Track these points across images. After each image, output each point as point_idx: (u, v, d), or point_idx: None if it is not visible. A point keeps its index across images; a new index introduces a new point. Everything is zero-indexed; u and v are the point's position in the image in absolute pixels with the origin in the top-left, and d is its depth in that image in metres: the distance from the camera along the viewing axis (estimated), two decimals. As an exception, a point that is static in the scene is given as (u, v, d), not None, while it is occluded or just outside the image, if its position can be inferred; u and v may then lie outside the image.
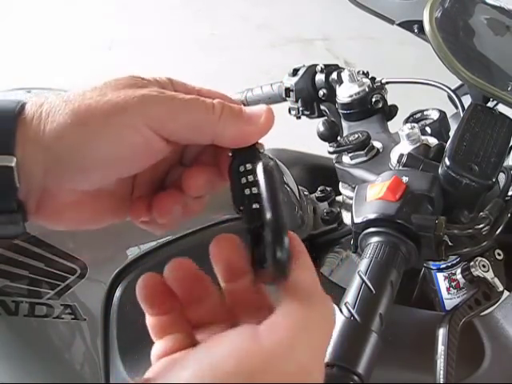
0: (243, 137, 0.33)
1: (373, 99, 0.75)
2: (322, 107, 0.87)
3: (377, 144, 0.71)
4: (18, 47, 2.91)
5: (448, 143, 0.60)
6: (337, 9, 2.92)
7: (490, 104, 0.73)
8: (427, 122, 0.73)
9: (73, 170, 0.31)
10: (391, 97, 0.79)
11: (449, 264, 0.67)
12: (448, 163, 0.57)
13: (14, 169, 0.29)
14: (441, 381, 0.55)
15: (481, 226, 0.55)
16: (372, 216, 0.56)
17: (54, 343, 0.67)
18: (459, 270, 0.66)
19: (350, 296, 0.50)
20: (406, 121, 0.75)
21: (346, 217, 0.78)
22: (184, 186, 0.35)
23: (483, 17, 0.80)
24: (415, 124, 0.66)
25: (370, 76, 0.81)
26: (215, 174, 0.35)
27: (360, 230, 0.58)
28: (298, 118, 0.92)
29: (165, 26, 3.15)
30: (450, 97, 0.76)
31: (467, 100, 0.72)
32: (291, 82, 0.88)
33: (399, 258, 0.53)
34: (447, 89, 0.75)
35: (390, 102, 0.78)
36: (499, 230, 0.58)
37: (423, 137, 0.66)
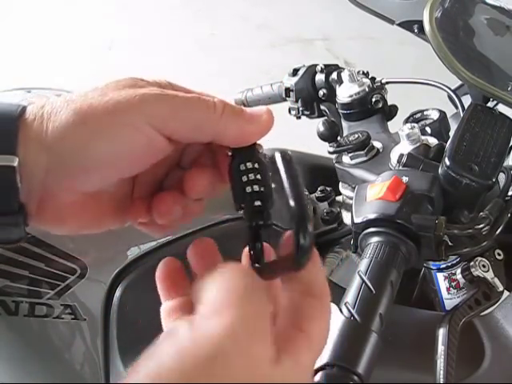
0: (244, 136, 0.33)
1: (373, 99, 0.75)
2: (322, 107, 0.87)
3: (377, 144, 0.71)
4: (18, 47, 2.90)
5: (448, 143, 0.60)
6: (337, 9, 2.92)
7: (490, 104, 0.73)
8: (427, 122, 0.73)
9: (75, 170, 0.31)
10: (391, 97, 0.79)
11: (449, 264, 0.67)
12: (448, 163, 0.57)
13: (16, 169, 0.29)
14: (441, 381, 0.55)
15: (481, 226, 0.55)
16: (372, 216, 0.56)
17: (54, 343, 0.67)
18: (459, 270, 0.66)
19: (350, 296, 0.50)
20: (406, 121, 0.75)
21: (346, 217, 0.78)
22: (185, 188, 0.35)
23: (483, 17, 0.80)
24: (415, 124, 0.66)
25: (370, 76, 0.81)
26: (216, 176, 0.35)
27: (360, 230, 0.58)
28: (298, 118, 0.92)
29: (165, 26, 3.15)
30: (450, 97, 0.76)
31: (467, 100, 0.72)
32: (291, 82, 0.88)
33: (399, 258, 0.53)
34: (447, 89, 0.75)
35: (390, 102, 0.78)
36: (499, 230, 0.58)
37: (423, 137, 0.66)
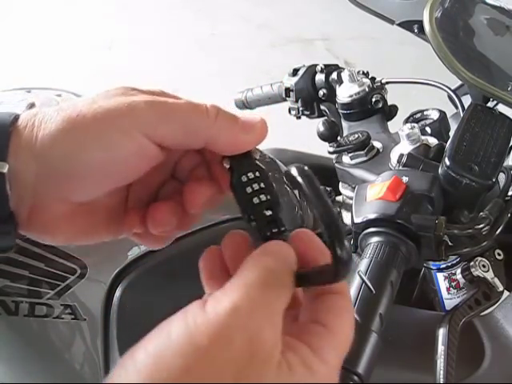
0: (238, 144, 0.32)
1: (373, 99, 0.75)
2: (322, 107, 0.87)
3: (377, 144, 0.71)
4: (18, 47, 2.91)
5: (448, 143, 0.60)
6: (337, 9, 2.93)
7: (490, 104, 0.73)
8: (427, 122, 0.73)
9: (65, 178, 0.30)
10: (391, 97, 0.79)
11: (449, 264, 0.67)
12: (448, 163, 0.57)
13: (6, 175, 0.29)
14: (441, 381, 0.55)
15: (481, 226, 0.55)
16: (372, 216, 0.56)
17: (54, 343, 0.67)
18: (459, 270, 0.67)
19: (350, 296, 0.49)
20: (406, 121, 0.75)
21: (346, 217, 0.77)
22: (185, 202, 0.34)
23: (483, 17, 0.80)
24: (415, 124, 0.66)
25: (370, 76, 0.81)
26: (214, 189, 0.34)
27: (360, 230, 0.58)
28: (298, 118, 0.92)
29: (165, 26, 3.15)
30: (450, 97, 0.76)
31: (467, 100, 0.72)
32: (291, 82, 0.88)
33: (399, 258, 0.53)
34: (447, 89, 0.75)
35: (390, 102, 0.78)
36: (499, 230, 0.58)
37: (423, 137, 0.66)
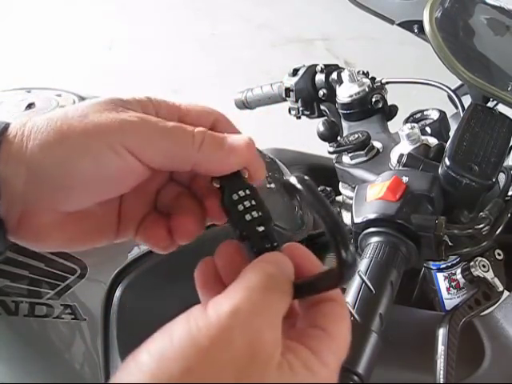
0: (224, 167, 0.33)
1: (373, 99, 0.75)
2: (322, 107, 0.87)
3: (377, 144, 0.71)
4: (18, 47, 2.91)
5: (448, 143, 0.60)
6: (337, 9, 2.93)
7: (490, 104, 0.73)
8: (427, 122, 0.73)
9: (53, 188, 0.31)
10: (391, 97, 0.79)
11: (449, 264, 0.67)
12: (448, 163, 0.57)
13: None
14: (441, 381, 0.55)
15: (481, 226, 0.55)
16: (372, 216, 0.56)
17: (54, 343, 0.67)
18: (459, 270, 0.67)
19: (350, 296, 0.50)
20: (406, 121, 0.75)
21: (346, 217, 0.77)
22: (174, 235, 0.34)
23: (483, 17, 0.80)
24: (415, 124, 0.66)
25: (370, 76, 0.81)
26: (203, 215, 0.35)
27: (360, 230, 0.58)
28: (298, 118, 0.92)
29: (165, 26, 3.15)
30: (450, 97, 0.76)
31: (467, 100, 0.72)
32: (291, 82, 0.88)
33: (399, 258, 0.53)
34: (447, 89, 0.75)
35: (390, 102, 0.78)
36: (499, 230, 0.58)
37: (423, 137, 0.66)
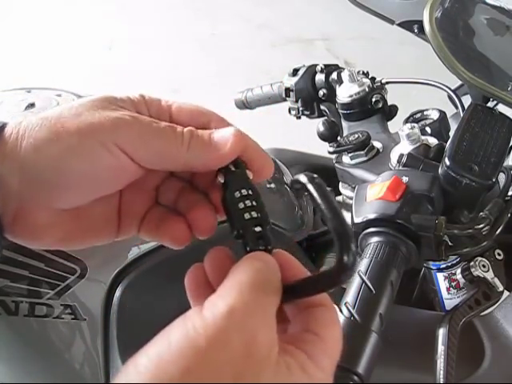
0: (214, 162, 0.33)
1: (373, 99, 0.75)
2: (322, 107, 0.87)
3: (377, 144, 0.71)
4: (18, 47, 2.91)
5: (448, 143, 0.60)
6: (337, 9, 2.93)
7: (490, 104, 0.73)
8: (427, 122, 0.73)
9: (47, 186, 0.31)
10: (391, 97, 0.79)
11: (449, 264, 0.67)
12: (448, 163, 0.57)
13: None
14: (441, 381, 0.55)
15: (481, 226, 0.55)
16: (372, 216, 0.56)
17: (54, 343, 0.67)
18: (459, 270, 0.67)
19: (350, 296, 0.50)
20: (406, 121, 0.75)
21: (346, 217, 0.77)
22: (195, 229, 0.35)
23: (483, 17, 0.80)
24: (415, 124, 0.66)
25: (370, 76, 0.81)
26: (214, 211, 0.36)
27: (360, 230, 0.58)
28: (298, 118, 0.92)
29: (165, 26, 3.15)
30: (450, 97, 0.76)
31: (467, 100, 0.72)
32: (291, 82, 0.88)
33: (399, 258, 0.53)
34: (447, 89, 0.75)
35: (390, 102, 0.78)
36: (499, 230, 0.58)
37: (423, 137, 0.66)
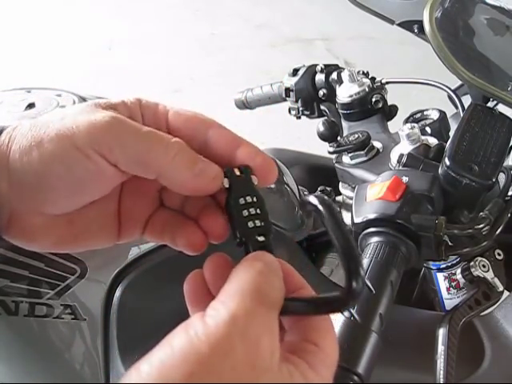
0: (185, 187, 0.32)
1: (373, 99, 0.75)
2: (322, 107, 0.87)
3: (377, 144, 0.71)
4: (18, 47, 2.91)
5: (448, 143, 0.60)
6: (337, 9, 2.93)
7: (490, 104, 0.73)
8: (427, 122, 0.73)
9: (34, 192, 0.31)
10: (391, 97, 0.79)
11: (449, 264, 0.67)
12: (448, 163, 0.57)
13: None
14: (441, 381, 0.55)
15: (481, 226, 0.55)
16: (372, 216, 0.56)
17: (54, 343, 0.67)
18: (459, 270, 0.67)
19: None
20: (406, 121, 0.75)
21: (346, 217, 0.77)
22: (209, 235, 0.34)
23: (483, 17, 0.80)
24: (415, 124, 0.66)
25: (370, 76, 0.81)
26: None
27: (360, 230, 0.58)
28: (298, 118, 0.92)
29: (165, 26, 3.15)
30: (450, 97, 0.76)
31: (467, 100, 0.72)
32: (291, 82, 0.88)
33: (399, 258, 0.53)
34: (447, 89, 0.75)
35: (390, 102, 0.78)
36: (499, 230, 0.58)
37: (423, 137, 0.66)
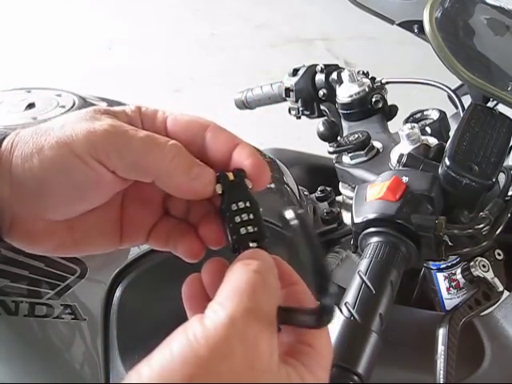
0: (184, 190, 0.32)
1: (373, 99, 0.75)
2: (322, 107, 0.87)
3: (377, 144, 0.71)
4: (19, 47, 2.91)
5: (448, 143, 0.60)
6: (336, 9, 2.93)
7: (490, 104, 0.73)
8: (427, 122, 0.73)
9: (35, 198, 0.32)
10: (391, 97, 0.79)
11: (449, 264, 0.67)
12: (448, 163, 0.57)
13: None
14: (441, 381, 0.55)
15: (481, 226, 0.55)
16: (372, 216, 0.56)
17: (54, 343, 0.67)
18: (459, 270, 0.67)
19: (350, 296, 0.50)
20: (406, 121, 0.75)
21: (346, 217, 0.77)
22: (207, 242, 0.35)
23: (483, 17, 0.80)
24: (415, 124, 0.66)
25: (370, 76, 0.81)
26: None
27: (360, 230, 0.58)
28: (298, 118, 0.92)
29: (165, 26, 3.15)
30: (450, 97, 0.76)
31: (467, 100, 0.72)
32: (291, 82, 0.88)
33: (399, 258, 0.53)
34: (447, 89, 0.75)
35: (390, 102, 0.78)
36: (499, 230, 0.58)
37: (423, 137, 0.66)
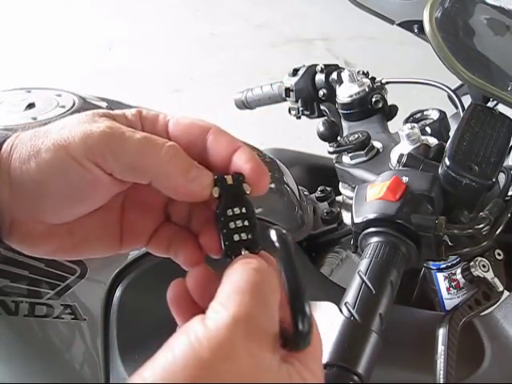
0: (181, 192, 0.32)
1: (373, 99, 0.75)
2: (322, 107, 0.87)
3: (377, 144, 0.71)
4: (19, 47, 2.91)
5: (448, 143, 0.60)
6: (337, 9, 2.93)
7: (490, 104, 0.73)
8: (427, 122, 0.73)
9: (34, 201, 0.32)
10: (391, 97, 0.79)
11: (449, 264, 0.67)
12: (448, 163, 0.57)
13: None
14: (441, 381, 0.55)
15: (481, 226, 0.55)
16: (372, 216, 0.56)
17: (54, 343, 0.67)
18: (459, 270, 0.66)
19: (350, 296, 0.50)
20: (406, 121, 0.75)
21: (346, 217, 0.77)
22: (207, 251, 0.34)
23: (483, 17, 0.80)
24: (415, 124, 0.66)
25: (370, 76, 0.81)
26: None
27: (360, 230, 0.58)
28: (298, 118, 0.92)
29: (165, 26, 3.15)
30: (450, 97, 0.76)
31: (467, 100, 0.72)
32: (291, 82, 0.88)
33: (399, 258, 0.53)
34: (447, 89, 0.75)
35: (390, 102, 0.78)
36: (499, 230, 0.58)
37: (423, 137, 0.66)
